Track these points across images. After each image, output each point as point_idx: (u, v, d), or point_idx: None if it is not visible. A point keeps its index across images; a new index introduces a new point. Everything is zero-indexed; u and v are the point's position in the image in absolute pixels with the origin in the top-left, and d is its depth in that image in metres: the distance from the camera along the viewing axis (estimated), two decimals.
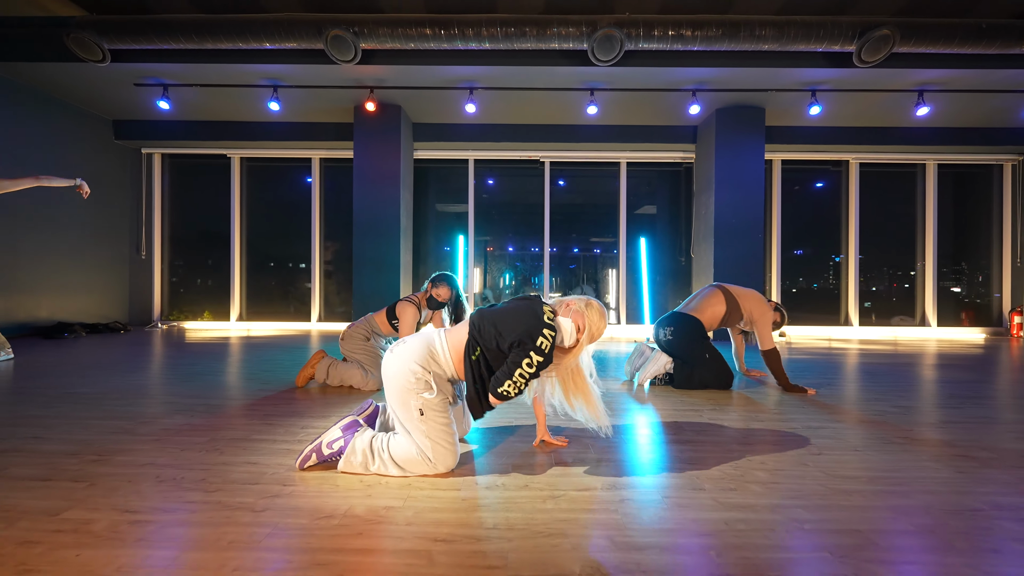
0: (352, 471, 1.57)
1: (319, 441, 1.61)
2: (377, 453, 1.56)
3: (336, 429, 1.62)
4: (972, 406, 2.60)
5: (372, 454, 1.56)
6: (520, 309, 1.59)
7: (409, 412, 1.56)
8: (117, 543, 1.17)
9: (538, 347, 1.52)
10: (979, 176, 6.61)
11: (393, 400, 1.60)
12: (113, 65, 4.42)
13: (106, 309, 6.00)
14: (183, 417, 2.25)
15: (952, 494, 1.48)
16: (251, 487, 1.50)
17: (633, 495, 1.45)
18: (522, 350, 1.52)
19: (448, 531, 1.24)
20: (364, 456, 1.56)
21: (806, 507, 1.38)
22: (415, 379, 1.57)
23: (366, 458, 1.56)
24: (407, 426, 1.57)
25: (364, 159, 5.57)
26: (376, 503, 1.39)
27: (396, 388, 1.59)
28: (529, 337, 1.52)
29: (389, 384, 1.61)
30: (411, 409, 1.56)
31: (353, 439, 1.59)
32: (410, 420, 1.56)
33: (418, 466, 1.55)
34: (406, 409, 1.57)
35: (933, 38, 3.98)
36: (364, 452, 1.56)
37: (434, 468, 1.56)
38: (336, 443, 1.59)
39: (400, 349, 1.64)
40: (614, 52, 4.05)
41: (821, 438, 2.02)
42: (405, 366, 1.59)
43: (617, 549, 1.15)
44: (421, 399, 1.56)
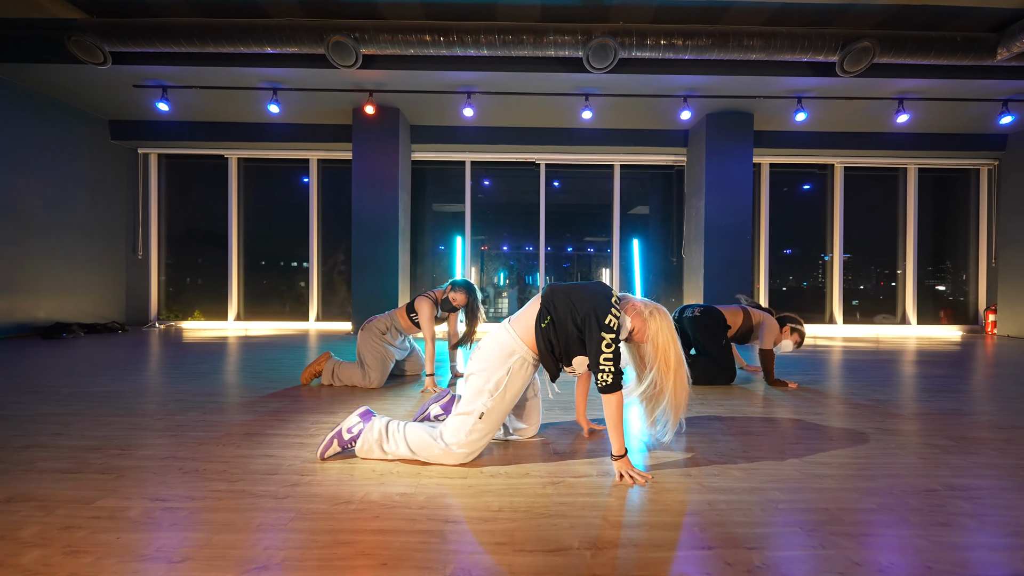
0: (368, 455, 1.70)
1: (339, 428, 1.74)
2: (392, 434, 1.69)
3: (354, 416, 1.76)
4: (941, 400, 2.77)
5: (387, 434, 1.69)
6: (593, 287, 1.71)
7: (487, 382, 1.65)
8: (153, 527, 1.28)
9: (607, 325, 1.59)
10: (958, 180, 6.85)
11: (480, 368, 1.69)
12: (113, 67, 4.47)
13: (103, 309, 6.03)
14: (196, 414, 2.34)
15: (913, 477, 1.63)
16: (271, 477, 1.61)
17: (624, 479, 1.58)
18: (593, 328, 1.60)
19: (458, 513, 1.36)
20: (380, 435, 1.68)
21: (781, 489, 1.52)
22: (494, 379, 1.67)
23: (381, 436, 1.68)
24: (461, 416, 1.66)
25: (363, 161, 5.66)
26: (390, 490, 1.50)
27: (492, 354, 1.69)
28: (596, 313, 1.61)
29: (484, 353, 1.71)
30: (492, 378, 1.65)
31: (371, 421, 1.73)
32: (471, 414, 1.65)
33: (430, 450, 1.66)
34: (471, 403, 1.66)
35: (911, 50, 4.17)
36: (380, 431, 1.69)
37: (443, 456, 1.66)
38: (355, 427, 1.72)
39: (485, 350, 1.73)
40: (608, 60, 4.19)
41: (800, 429, 2.17)
42: (491, 363, 1.68)
43: (611, 527, 1.28)
44: (489, 402, 1.64)
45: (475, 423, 1.65)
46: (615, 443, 1.61)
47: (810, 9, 4.07)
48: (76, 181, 5.66)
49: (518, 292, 7.06)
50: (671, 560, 1.13)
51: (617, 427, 1.61)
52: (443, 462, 1.68)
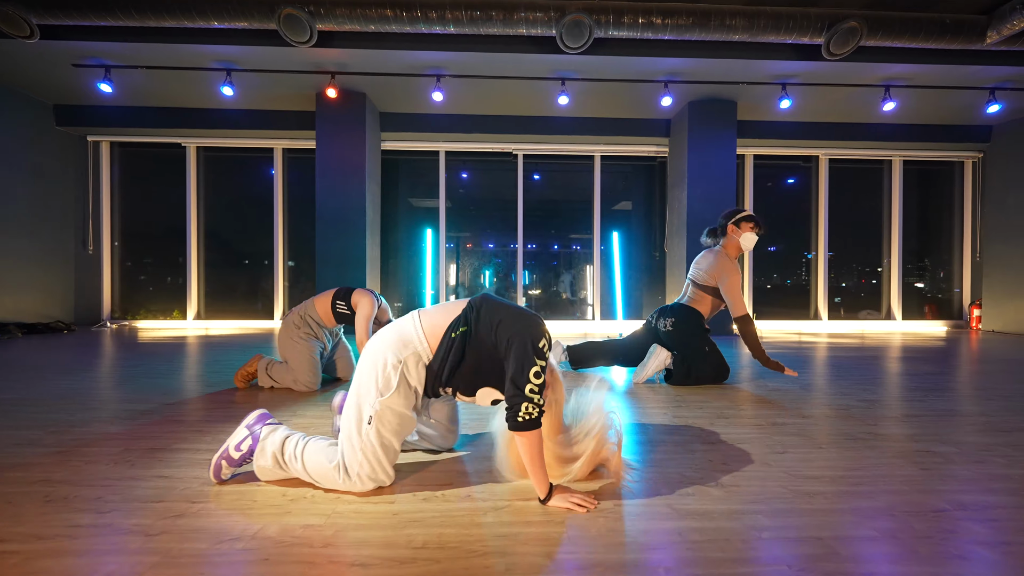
0: (269, 477, 1.39)
1: (225, 446, 1.41)
2: (290, 457, 1.36)
3: (242, 427, 1.42)
4: (934, 399, 2.58)
5: (283, 456, 1.36)
6: (530, 313, 1.39)
7: (358, 412, 1.34)
8: None
9: (540, 349, 1.29)
10: (942, 173, 6.76)
11: (369, 359, 1.37)
12: (45, 43, 4.09)
13: (48, 308, 5.61)
14: (101, 425, 2.03)
15: (915, 493, 1.40)
16: (153, 506, 1.32)
17: None
18: (521, 351, 1.29)
19: (369, 552, 1.09)
20: (274, 458, 1.36)
21: (766, 512, 1.28)
22: (382, 373, 1.34)
23: (276, 460, 1.36)
24: (346, 428, 1.35)
25: (327, 148, 5.34)
26: (294, 521, 1.23)
27: (357, 382, 1.38)
28: (530, 335, 1.30)
29: (377, 340, 1.40)
30: (362, 409, 1.33)
31: (263, 438, 1.38)
32: (355, 422, 1.34)
33: (330, 480, 1.34)
34: (356, 408, 1.35)
35: (899, 32, 3.99)
36: (274, 453, 1.36)
37: (348, 485, 1.34)
38: (244, 443, 1.39)
39: (375, 339, 1.43)
40: (583, 39, 3.93)
41: (786, 435, 1.95)
42: (378, 356, 1.36)
43: (557, 569, 1.03)
44: (376, 403, 1.32)
45: (366, 433, 1.31)
46: (540, 484, 1.29)
47: None
48: (16, 170, 5.24)
49: (501, 292, 6.80)
50: None
51: (540, 466, 1.28)
52: (352, 491, 1.35)
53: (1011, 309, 5.90)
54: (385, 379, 1.33)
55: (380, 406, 1.32)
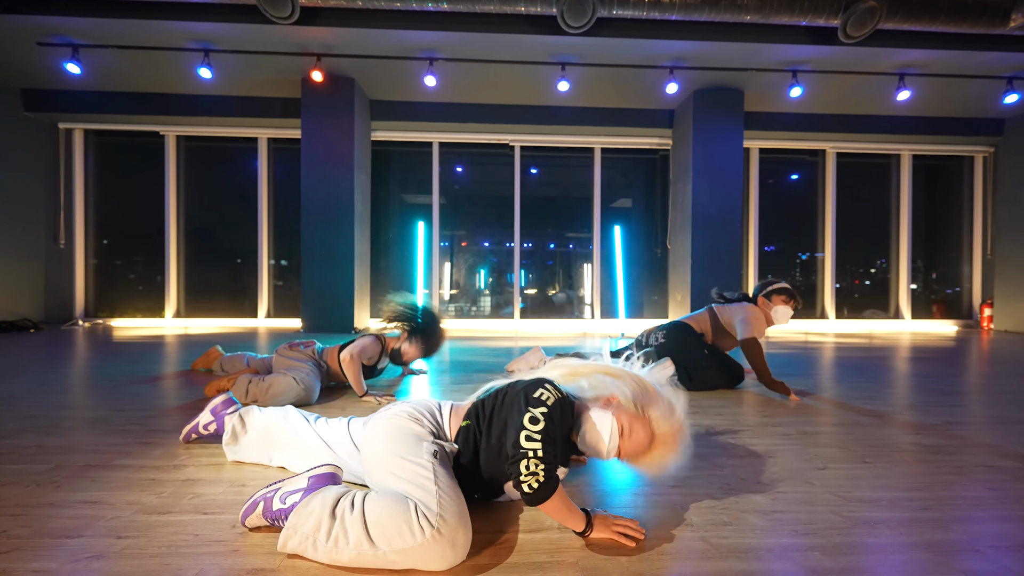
0: (291, 549, 0.96)
1: (276, 488, 1.08)
2: (340, 516, 0.95)
3: (302, 478, 1.08)
4: (974, 404, 2.36)
5: (333, 517, 0.95)
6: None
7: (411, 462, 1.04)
8: None
9: (536, 398, 1.04)
10: (951, 169, 6.58)
11: (384, 460, 1.08)
12: (4, 17, 3.78)
13: (15, 305, 5.29)
14: (36, 436, 1.76)
15: (996, 521, 1.17)
16: (68, 543, 1.06)
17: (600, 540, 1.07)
18: (513, 407, 1.07)
19: None
20: (319, 518, 0.95)
21: (823, 548, 1.04)
22: (418, 426, 1.14)
23: (318, 522, 0.95)
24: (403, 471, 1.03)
25: (313, 136, 5.06)
26: (238, 563, 0.97)
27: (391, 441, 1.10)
28: (525, 390, 1.07)
29: (378, 444, 1.12)
30: (417, 456, 1.05)
31: (315, 493, 1.02)
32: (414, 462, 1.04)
33: (403, 533, 0.90)
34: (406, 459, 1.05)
35: (919, 13, 3.78)
36: (322, 509, 0.96)
37: (432, 541, 0.90)
38: (292, 496, 1.04)
39: (394, 407, 1.21)
40: (585, 18, 3.69)
41: (821, 446, 1.71)
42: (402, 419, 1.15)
43: None
44: (429, 445, 1.08)
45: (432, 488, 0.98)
46: (574, 524, 1.04)
47: None
48: None
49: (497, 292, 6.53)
50: None
51: (567, 515, 1.03)
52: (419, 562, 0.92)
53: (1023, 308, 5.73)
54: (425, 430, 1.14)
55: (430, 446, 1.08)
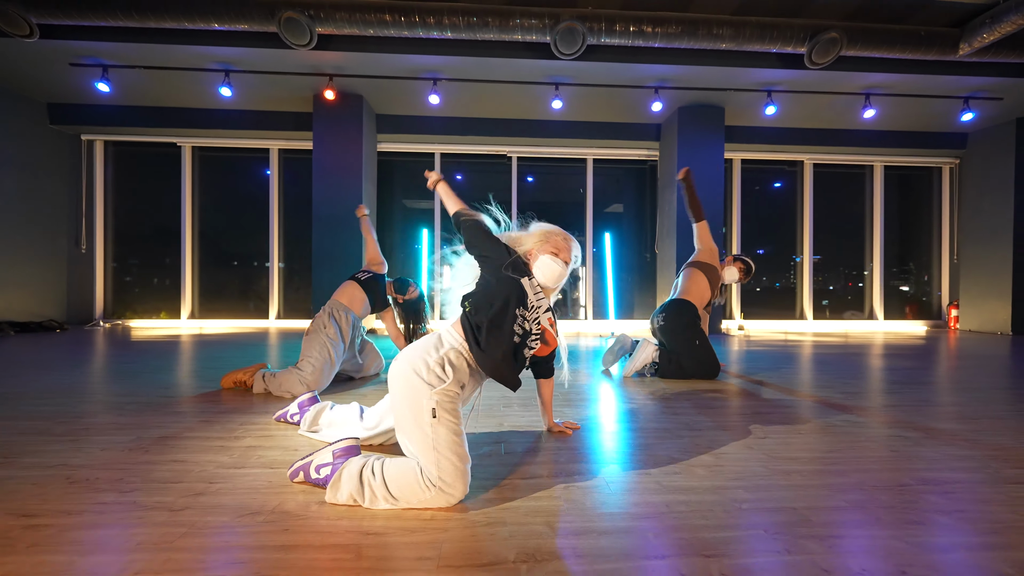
0: (333, 501, 1.27)
1: (309, 460, 1.37)
2: (367, 482, 1.25)
3: (327, 452, 1.35)
4: (909, 391, 2.72)
5: (362, 484, 1.25)
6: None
7: (419, 416, 1.30)
8: (5, 551, 1.05)
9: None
10: (922, 178, 7.00)
11: (401, 407, 1.34)
12: (44, 42, 4.11)
13: (41, 307, 5.58)
14: (110, 415, 2.09)
15: (884, 471, 1.52)
16: (173, 486, 1.39)
17: (578, 482, 1.42)
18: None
19: (381, 523, 1.18)
20: (349, 489, 1.26)
21: (746, 488, 1.39)
22: (427, 369, 1.35)
23: (352, 491, 1.25)
24: (412, 437, 1.31)
25: (324, 149, 5.40)
26: (310, 498, 1.31)
27: (404, 388, 1.35)
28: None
29: (396, 387, 1.37)
30: (422, 411, 1.30)
31: (342, 467, 1.30)
32: (418, 427, 1.29)
33: (416, 492, 1.23)
34: (416, 413, 1.31)
35: (878, 42, 4.17)
36: (350, 482, 1.26)
37: (437, 495, 1.23)
38: (323, 469, 1.34)
39: (407, 349, 1.44)
40: (576, 46, 4.06)
41: (769, 423, 2.06)
42: (416, 357, 1.38)
43: (555, 535, 1.12)
44: (435, 396, 1.31)
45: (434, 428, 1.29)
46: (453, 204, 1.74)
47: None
48: (8, 168, 5.22)
49: None
50: (618, 572, 0.98)
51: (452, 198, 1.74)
52: (436, 506, 1.26)
53: (986, 309, 6.13)
54: (432, 375, 1.34)
55: (438, 395, 1.31)
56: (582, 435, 1.89)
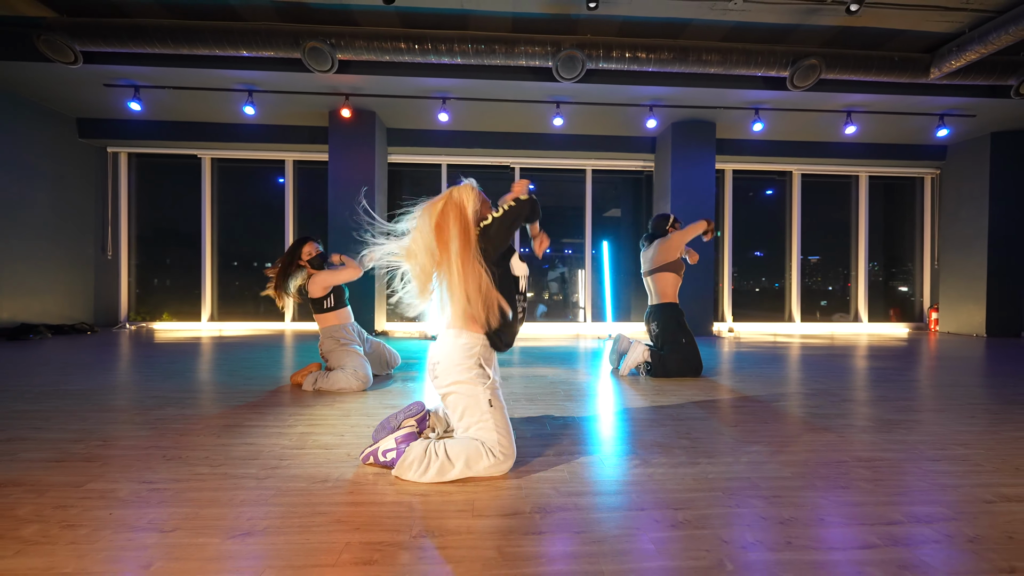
0: (406, 478, 1.55)
1: (376, 447, 1.65)
2: (430, 459, 1.54)
3: (390, 439, 1.63)
4: (875, 388, 3.06)
5: (426, 460, 1.53)
6: None
7: (479, 409, 1.58)
8: (143, 504, 1.39)
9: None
10: (905, 187, 7.35)
11: (459, 407, 1.62)
12: (84, 66, 4.44)
13: (71, 310, 5.92)
14: (174, 408, 2.42)
15: (828, 451, 1.86)
16: (252, 461, 1.73)
17: (578, 459, 1.76)
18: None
19: (425, 488, 1.51)
20: (416, 465, 1.54)
21: (713, 463, 1.73)
22: (472, 374, 1.61)
23: (417, 467, 1.54)
24: (476, 425, 1.58)
25: (339, 163, 5.73)
26: (364, 471, 1.64)
27: (459, 393, 1.61)
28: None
29: (452, 397, 1.63)
30: (480, 404, 1.58)
31: (407, 449, 1.59)
32: (480, 419, 1.58)
33: (479, 460, 1.53)
34: (476, 408, 1.59)
35: (854, 67, 4.52)
36: (416, 459, 1.54)
37: (497, 463, 1.55)
38: (389, 453, 1.62)
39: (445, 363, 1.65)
40: (576, 71, 4.40)
41: (741, 415, 2.40)
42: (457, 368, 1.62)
43: (560, 496, 1.46)
44: (487, 391, 1.60)
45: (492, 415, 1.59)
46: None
47: (762, 28, 4.37)
48: (41, 180, 5.55)
49: None
50: (608, 520, 1.31)
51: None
52: (494, 474, 1.57)
53: (964, 312, 6.48)
54: (479, 374, 1.63)
55: (490, 389, 1.61)
56: (582, 424, 2.23)
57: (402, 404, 2.56)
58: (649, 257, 3.47)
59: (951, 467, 1.71)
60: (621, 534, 1.24)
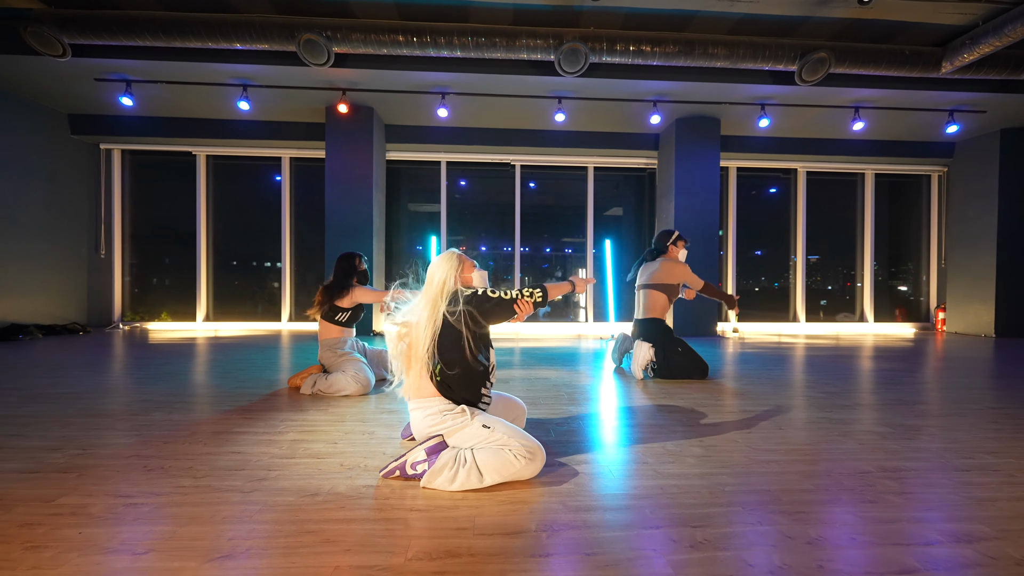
0: (433, 486, 1.49)
1: (403, 460, 1.57)
2: (459, 467, 1.50)
3: (420, 451, 1.56)
4: (888, 391, 2.95)
5: (456, 469, 1.49)
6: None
7: (478, 438, 1.56)
8: (116, 522, 1.28)
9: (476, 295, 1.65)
10: (911, 185, 7.24)
11: (461, 440, 1.59)
12: (73, 60, 4.33)
13: (63, 310, 5.81)
14: (162, 414, 2.32)
15: (850, 461, 1.76)
16: (238, 472, 1.62)
17: (586, 469, 1.65)
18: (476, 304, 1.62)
19: (423, 503, 1.41)
20: (446, 474, 1.49)
21: (730, 474, 1.62)
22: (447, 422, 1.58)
23: (448, 472, 1.49)
24: (489, 447, 1.55)
25: (336, 160, 5.62)
26: (356, 483, 1.54)
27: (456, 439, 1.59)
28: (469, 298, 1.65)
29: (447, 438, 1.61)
30: (478, 435, 1.56)
31: (437, 460, 1.54)
32: (487, 443, 1.55)
33: (509, 466, 1.50)
34: (477, 439, 1.56)
35: (864, 61, 4.40)
36: (446, 469, 1.50)
37: (530, 463, 1.52)
38: (420, 465, 1.55)
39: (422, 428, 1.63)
40: (579, 64, 4.28)
41: (754, 419, 2.30)
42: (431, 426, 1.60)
43: (568, 511, 1.35)
44: (473, 421, 1.57)
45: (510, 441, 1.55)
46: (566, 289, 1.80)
47: (770, 20, 4.26)
48: (32, 177, 5.44)
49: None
50: (620, 539, 1.21)
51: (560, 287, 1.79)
52: (530, 475, 1.55)
53: (971, 312, 6.37)
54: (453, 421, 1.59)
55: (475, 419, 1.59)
56: (587, 429, 2.12)
57: (400, 409, 2.46)
58: (650, 272, 3.43)
59: (983, 478, 1.61)
60: (635, 556, 1.13)
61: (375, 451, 1.83)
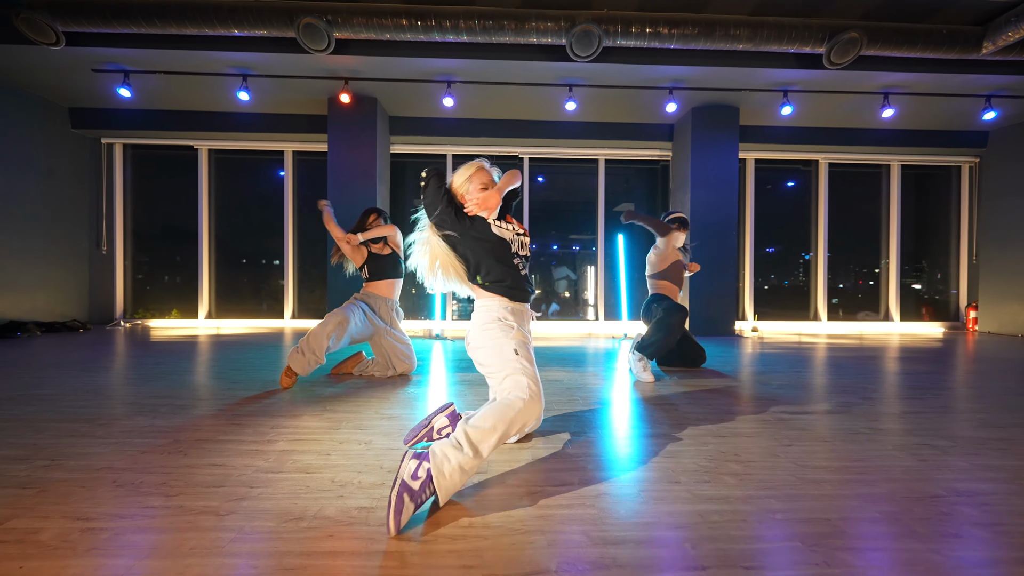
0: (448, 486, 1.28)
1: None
2: (463, 440, 1.33)
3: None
4: (932, 397, 2.70)
5: (460, 447, 1.31)
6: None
7: (505, 356, 1.58)
8: (66, 553, 1.10)
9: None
10: (939, 177, 6.90)
11: (490, 361, 1.62)
12: (68, 49, 4.19)
13: (64, 307, 5.70)
14: (145, 418, 2.14)
15: (914, 481, 1.53)
16: (216, 490, 1.43)
17: (610, 490, 1.44)
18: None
19: (422, 531, 1.21)
20: (445, 458, 1.29)
21: (778, 497, 1.40)
22: (496, 328, 1.65)
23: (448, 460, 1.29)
24: (505, 372, 1.56)
25: (339, 152, 5.44)
26: (348, 504, 1.34)
27: (488, 347, 1.63)
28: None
29: (482, 351, 1.65)
30: (506, 353, 1.59)
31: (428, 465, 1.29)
32: (507, 363, 1.57)
33: (510, 410, 1.41)
34: (503, 356, 1.59)
35: (898, 42, 4.12)
36: (450, 457, 1.29)
37: (531, 403, 1.46)
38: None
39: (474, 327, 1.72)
40: (592, 48, 4.05)
41: (791, 429, 2.07)
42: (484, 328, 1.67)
43: (593, 544, 1.15)
44: (512, 340, 1.62)
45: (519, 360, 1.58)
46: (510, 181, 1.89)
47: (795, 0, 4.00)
48: (32, 172, 5.33)
49: None
50: None
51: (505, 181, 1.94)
52: (529, 419, 1.46)
53: (1006, 311, 6.04)
54: (502, 328, 1.66)
55: (515, 339, 1.63)
56: (607, 440, 1.91)
57: (401, 414, 2.27)
58: (649, 261, 3.47)
59: None
60: None
61: (371, 464, 1.63)
